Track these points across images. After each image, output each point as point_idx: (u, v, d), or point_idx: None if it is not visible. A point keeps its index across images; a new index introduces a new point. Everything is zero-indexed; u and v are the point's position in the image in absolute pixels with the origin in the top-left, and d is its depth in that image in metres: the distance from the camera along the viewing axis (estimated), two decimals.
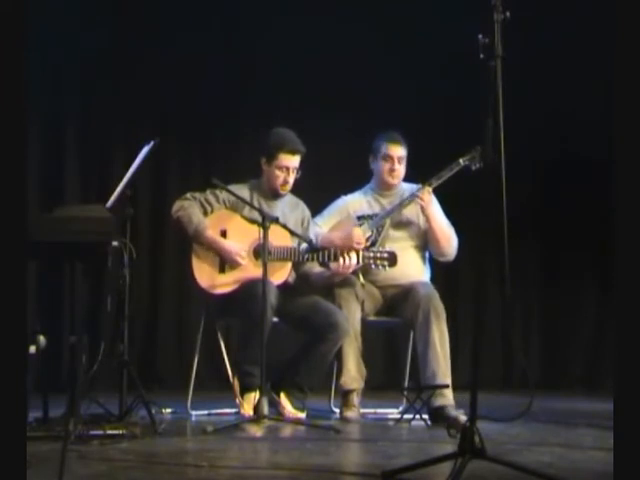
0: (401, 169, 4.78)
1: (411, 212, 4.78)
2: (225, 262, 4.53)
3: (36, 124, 5.93)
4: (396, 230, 4.78)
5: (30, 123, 5.36)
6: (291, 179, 4.62)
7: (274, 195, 4.67)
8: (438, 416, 4.35)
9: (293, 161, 4.59)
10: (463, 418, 4.19)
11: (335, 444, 3.66)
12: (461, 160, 4.60)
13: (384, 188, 4.84)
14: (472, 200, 2.82)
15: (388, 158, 4.77)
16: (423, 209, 4.68)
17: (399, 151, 4.77)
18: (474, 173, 4.51)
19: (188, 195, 4.61)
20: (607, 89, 2.91)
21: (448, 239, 4.74)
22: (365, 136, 4.95)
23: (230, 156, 6.42)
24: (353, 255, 4.48)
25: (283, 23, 6.35)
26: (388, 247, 4.64)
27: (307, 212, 4.80)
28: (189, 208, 4.54)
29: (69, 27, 6.09)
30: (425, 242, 4.81)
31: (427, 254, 4.85)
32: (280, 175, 4.60)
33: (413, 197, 4.68)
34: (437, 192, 4.72)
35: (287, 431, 4.15)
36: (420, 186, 4.69)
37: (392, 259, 4.51)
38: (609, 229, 2.70)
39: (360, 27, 6.47)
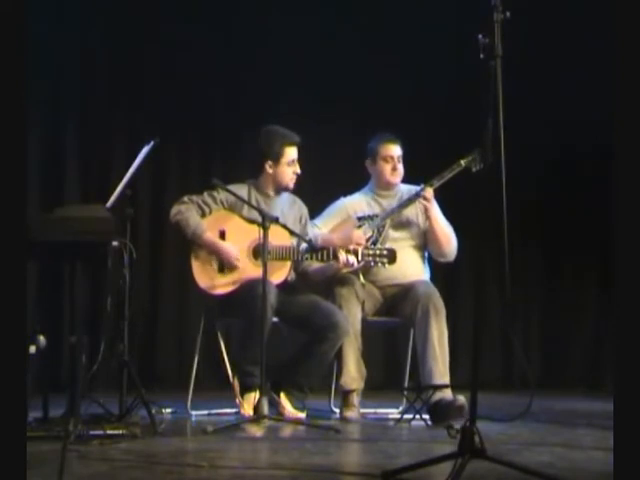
0: (401, 167, 4.80)
1: (411, 212, 4.79)
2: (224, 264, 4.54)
3: (36, 124, 5.92)
4: (396, 230, 4.79)
5: (30, 123, 5.37)
6: (298, 170, 4.65)
7: (280, 192, 4.68)
8: (437, 409, 4.34)
9: (296, 152, 4.65)
10: (461, 399, 4.21)
11: (335, 444, 3.66)
12: (462, 161, 4.61)
13: (385, 188, 4.85)
14: (472, 200, 2.82)
15: (389, 159, 4.79)
16: (426, 209, 4.69)
17: (397, 150, 4.80)
18: (475, 174, 4.52)
19: (185, 198, 4.60)
20: (608, 89, 2.90)
21: (448, 240, 4.75)
22: (365, 137, 4.95)
23: (230, 156, 6.41)
24: (352, 256, 4.49)
25: (283, 23, 6.35)
26: (388, 246, 4.64)
27: (304, 209, 4.80)
28: (186, 212, 4.53)
29: (69, 27, 6.10)
30: (424, 242, 4.82)
31: (426, 254, 4.86)
32: (289, 169, 4.63)
33: (416, 197, 4.69)
34: (438, 192, 4.73)
35: (287, 431, 4.15)
36: (420, 187, 4.70)
37: (391, 256, 4.51)
38: (609, 229, 2.70)
39: (360, 27, 6.47)
